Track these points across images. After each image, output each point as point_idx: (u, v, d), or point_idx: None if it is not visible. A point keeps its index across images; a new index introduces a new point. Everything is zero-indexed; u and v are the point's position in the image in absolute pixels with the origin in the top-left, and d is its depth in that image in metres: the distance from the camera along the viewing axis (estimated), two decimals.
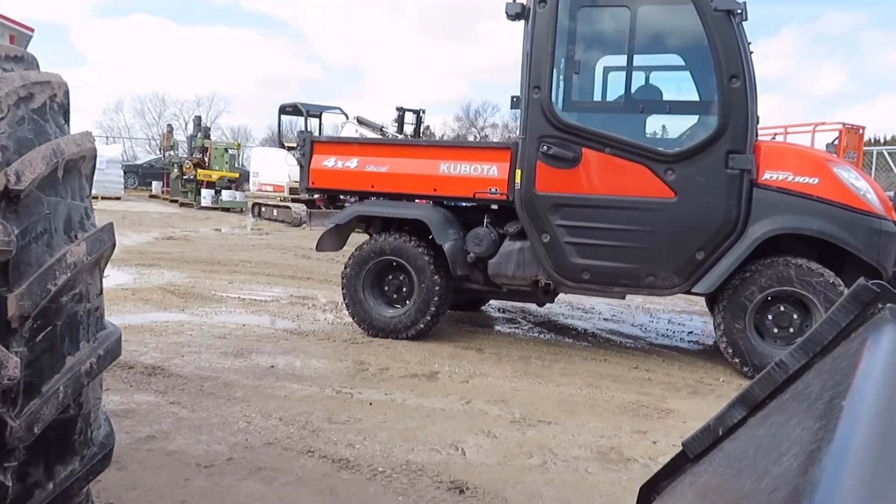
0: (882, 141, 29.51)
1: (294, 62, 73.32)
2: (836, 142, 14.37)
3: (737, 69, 4.48)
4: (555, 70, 4.87)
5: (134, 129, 45.84)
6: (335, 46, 75.64)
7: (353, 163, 5.64)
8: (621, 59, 5.10)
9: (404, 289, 5.45)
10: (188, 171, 20.87)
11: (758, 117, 4.81)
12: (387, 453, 3.13)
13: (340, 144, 6.00)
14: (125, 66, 71.45)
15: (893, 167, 15.47)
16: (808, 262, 4.51)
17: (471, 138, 38.68)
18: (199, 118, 23.89)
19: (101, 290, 1.67)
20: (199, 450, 3.07)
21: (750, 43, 4.65)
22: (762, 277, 4.54)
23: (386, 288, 5.53)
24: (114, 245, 1.66)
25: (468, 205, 5.41)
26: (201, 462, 2.94)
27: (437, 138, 29.28)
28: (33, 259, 1.41)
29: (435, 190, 5.38)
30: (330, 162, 5.70)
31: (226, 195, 20.26)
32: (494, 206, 5.32)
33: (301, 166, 5.91)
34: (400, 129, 15.92)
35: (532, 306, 7.10)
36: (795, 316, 4.57)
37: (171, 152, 23.80)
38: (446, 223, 5.24)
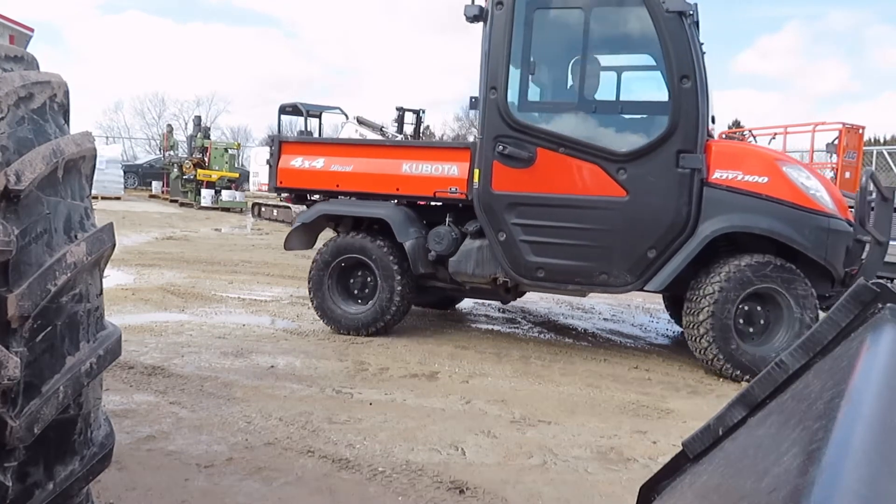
0: (882, 141, 29.53)
1: (294, 61, 73.39)
2: (836, 141, 14.37)
3: (688, 70, 4.52)
4: (511, 71, 4.92)
5: (134, 129, 45.90)
6: (334, 45, 75.67)
7: (319, 162, 5.72)
8: (576, 61, 5.15)
9: (368, 287, 5.53)
10: (188, 171, 20.88)
11: (713, 117, 4.86)
12: (387, 453, 3.13)
13: (308, 144, 6.13)
14: (123, 66, 71.48)
15: (893, 167, 15.47)
16: (753, 257, 4.53)
17: (470, 138, 38.68)
18: (198, 118, 23.91)
19: (101, 290, 1.67)
20: (199, 450, 3.07)
21: (702, 44, 4.69)
22: (731, 286, 4.51)
23: (351, 286, 5.60)
24: (114, 245, 1.67)
25: (434, 204, 5.45)
26: (201, 462, 2.93)
27: (437, 139, 29.36)
28: (33, 259, 1.41)
29: (398, 189, 5.45)
30: (297, 162, 5.80)
31: (226, 195, 20.27)
32: (459, 205, 5.34)
33: (270, 165, 6.01)
34: (400, 129, 15.92)
35: (532, 306, 7.09)
36: (760, 308, 4.60)
37: (171, 152, 23.81)
38: (408, 222, 5.32)
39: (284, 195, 6.16)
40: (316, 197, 5.96)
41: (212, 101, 58.07)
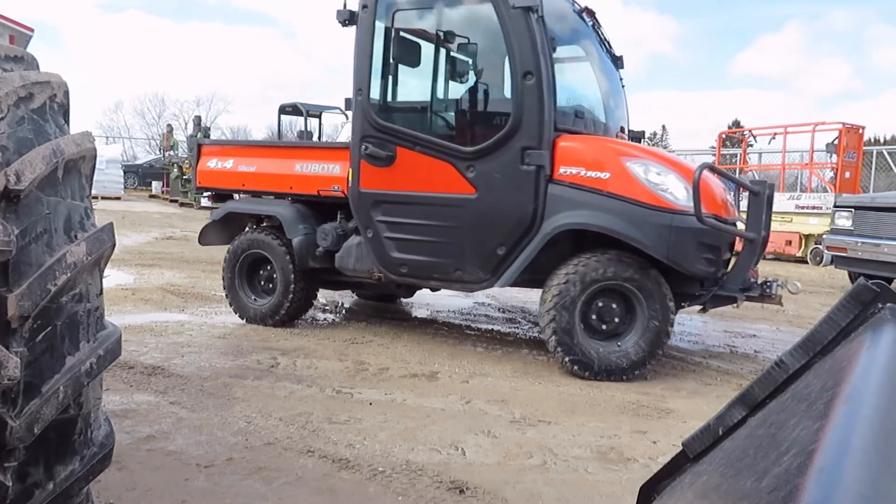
0: (882, 141, 29.53)
1: (293, 61, 73.37)
2: (836, 141, 14.38)
3: (531, 66, 4.51)
4: (374, 72, 5.07)
5: (134, 129, 45.84)
6: (333, 45, 75.61)
7: (229, 163, 6.12)
8: (430, 60, 5.27)
9: (272, 280, 5.79)
10: (188, 171, 20.87)
11: (580, 112, 4.91)
12: (387, 453, 3.13)
13: (221, 146, 6.71)
14: (123, 66, 71.42)
15: (893, 167, 15.47)
16: (598, 254, 4.51)
17: None
18: (198, 118, 23.89)
19: (101, 290, 1.67)
20: (199, 450, 3.07)
21: (553, 39, 4.69)
22: (574, 282, 4.48)
23: (258, 279, 5.89)
24: (114, 245, 1.67)
25: (326, 202, 5.64)
26: (201, 462, 2.93)
27: None
28: (33, 259, 1.41)
29: (291, 188, 5.75)
30: (212, 163, 6.21)
31: None
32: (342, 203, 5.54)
33: (191, 167, 6.42)
34: None
35: (532, 306, 7.09)
36: (615, 305, 4.55)
37: (171, 152, 23.82)
38: (298, 219, 5.57)
39: (207, 194, 6.61)
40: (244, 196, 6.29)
41: (212, 101, 58.16)
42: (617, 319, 4.54)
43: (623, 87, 5.90)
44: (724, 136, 20.42)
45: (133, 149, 39.10)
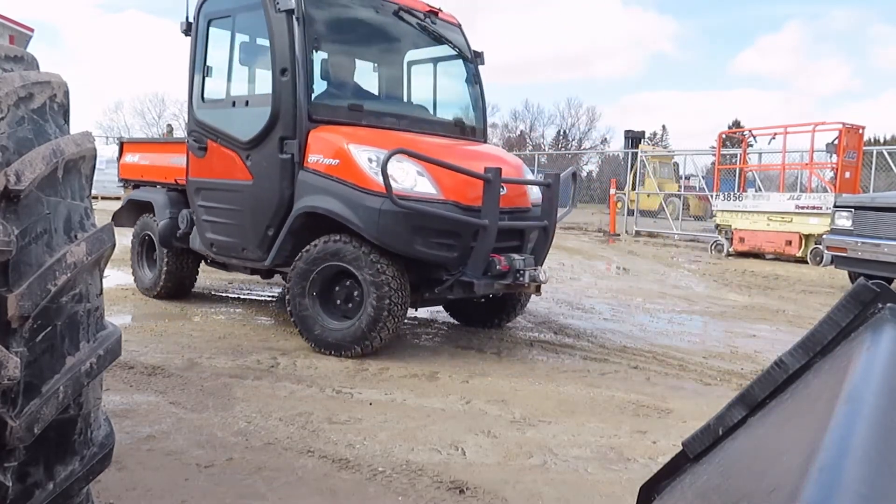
0: (882, 141, 29.53)
1: None
2: (836, 142, 14.38)
3: (287, 63, 4.98)
4: (195, 74, 5.83)
5: (134, 129, 45.90)
6: None
7: (136, 158, 7.18)
8: (227, 61, 5.80)
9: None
10: None
11: (356, 105, 5.23)
12: (387, 453, 3.13)
13: (134, 143, 7.82)
14: (123, 66, 71.41)
15: (893, 167, 15.46)
16: (325, 238, 4.79)
17: None
18: None
19: (101, 290, 1.67)
20: (199, 450, 3.07)
21: (317, 39, 5.12)
22: (305, 263, 4.82)
23: (154, 258, 6.60)
24: (114, 245, 1.67)
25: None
26: (201, 462, 2.93)
27: None
28: (33, 259, 1.41)
29: (164, 178, 6.62)
30: (129, 157, 7.31)
31: None
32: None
33: (117, 160, 7.56)
34: None
35: (532, 306, 7.09)
36: (348, 284, 4.80)
37: None
38: (167, 205, 6.31)
39: (130, 185, 7.44)
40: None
41: None
42: (357, 297, 4.76)
43: (477, 83, 6.23)
44: (724, 136, 20.42)
45: None
